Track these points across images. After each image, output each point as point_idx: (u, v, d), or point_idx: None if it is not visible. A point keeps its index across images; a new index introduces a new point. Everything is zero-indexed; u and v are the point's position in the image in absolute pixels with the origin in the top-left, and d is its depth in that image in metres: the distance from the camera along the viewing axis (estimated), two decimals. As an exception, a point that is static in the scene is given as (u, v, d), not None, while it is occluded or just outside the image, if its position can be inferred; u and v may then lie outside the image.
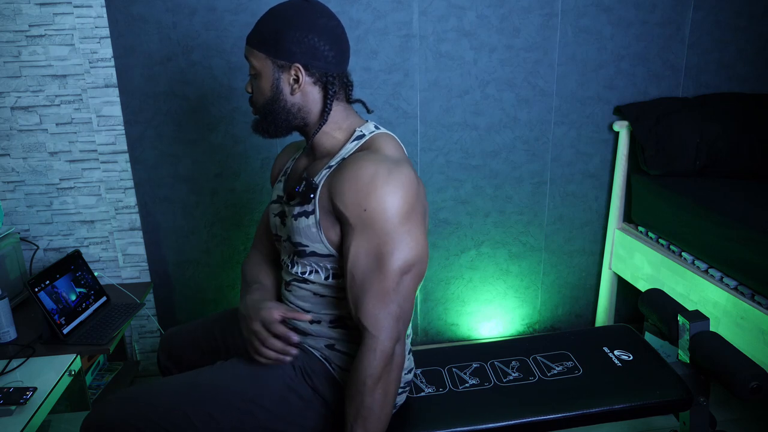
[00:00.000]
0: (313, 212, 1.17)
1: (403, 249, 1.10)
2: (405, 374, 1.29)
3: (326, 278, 1.21)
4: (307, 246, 1.19)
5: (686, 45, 2.32)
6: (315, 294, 1.23)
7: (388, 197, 1.09)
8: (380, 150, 1.16)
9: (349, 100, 1.26)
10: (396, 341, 1.11)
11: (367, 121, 1.26)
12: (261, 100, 1.21)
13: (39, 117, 2.08)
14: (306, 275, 1.23)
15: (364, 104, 1.30)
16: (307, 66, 1.16)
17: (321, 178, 1.19)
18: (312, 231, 1.18)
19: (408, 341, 1.30)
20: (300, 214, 1.19)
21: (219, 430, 1.18)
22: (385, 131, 1.23)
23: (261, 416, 1.19)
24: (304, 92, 1.18)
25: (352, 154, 1.18)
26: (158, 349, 1.50)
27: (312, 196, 1.18)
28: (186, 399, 1.20)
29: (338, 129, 1.23)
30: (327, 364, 1.24)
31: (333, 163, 1.19)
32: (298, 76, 1.16)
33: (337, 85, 1.19)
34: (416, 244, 1.12)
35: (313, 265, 1.21)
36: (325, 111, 1.19)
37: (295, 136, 1.33)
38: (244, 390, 1.20)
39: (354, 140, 1.20)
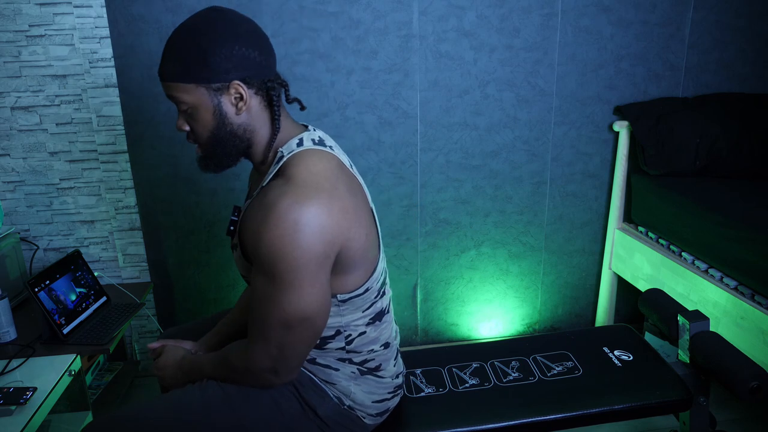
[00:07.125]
0: (238, 245, 1.14)
1: (286, 303, 1.02)
2: (393, 379, 1.27)
3: None
4: (246, 276, 1.17)
5: (686, 45, 2.32)
6: None
7: (276, 242, 0.99)
8: (293, 177, 1.04)
9: (287, 101, 1.17)
10: (267, 372, 1.11)
11: (307, 128, 1.17)
12: (205, 133, 1.10)
13: (39, 117, 2.08)
14: None
15: (299, 102, 1.21)
16: (245, 79, 1.06)
17: (244, 208, 1.16)
18: (242, 263, 1.15)
19: (395, 341, 1.28)
20: (234, 246, 1.17)
21: None
22: (310, 147, 1.10)
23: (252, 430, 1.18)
24: (249, 108, 1.09)
25: (268, 182, 1.10)
26: None
27: (232, 228, 1.17)
28: (177, 420, 1.18)
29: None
30: (313, 377, 1.22)
31: (255, 193, 1.14)
32: (240, 93, 1.06)
33: (277, 89, 1.11)
34: (302, 299, 1.03)
35: None
36: (275, 119, 1.11)
37: None
38: (232, 409, 1.18)
39: (276, 163, 1.11)
